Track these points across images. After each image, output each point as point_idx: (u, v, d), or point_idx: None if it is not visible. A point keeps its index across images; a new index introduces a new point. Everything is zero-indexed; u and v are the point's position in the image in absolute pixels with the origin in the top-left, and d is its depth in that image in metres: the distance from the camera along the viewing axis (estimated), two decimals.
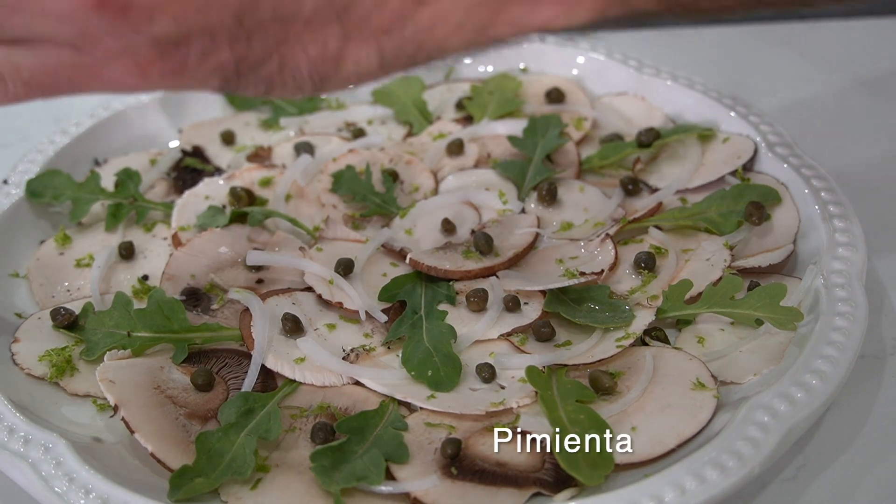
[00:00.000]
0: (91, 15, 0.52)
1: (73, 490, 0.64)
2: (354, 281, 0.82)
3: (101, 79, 0.55)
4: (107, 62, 0.54)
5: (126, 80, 0.55)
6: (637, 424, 0.69)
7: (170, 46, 0.54)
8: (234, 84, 0.57)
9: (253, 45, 0.55)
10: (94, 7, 0.52)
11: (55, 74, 0.55)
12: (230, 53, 0.55)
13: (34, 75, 0.55)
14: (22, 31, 0.54)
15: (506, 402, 0.71)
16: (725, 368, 0.73)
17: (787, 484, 0.68)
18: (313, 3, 0.54)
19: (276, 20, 0.54)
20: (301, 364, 0.75)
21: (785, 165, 0.88)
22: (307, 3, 0.54)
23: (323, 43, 0.56)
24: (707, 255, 0.82)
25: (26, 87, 0.56)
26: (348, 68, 0.57)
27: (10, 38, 0.54)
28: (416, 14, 0.56)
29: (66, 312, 0.80)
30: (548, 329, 0.76)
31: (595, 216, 0.88)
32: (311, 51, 0.56)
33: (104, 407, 0.75)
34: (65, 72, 0.55)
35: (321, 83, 0.58)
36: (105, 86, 0.56)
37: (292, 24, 0.55)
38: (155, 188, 0.97)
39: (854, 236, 0.80)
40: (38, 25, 0.53)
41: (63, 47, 0.54)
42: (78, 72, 0.55)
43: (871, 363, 0.76)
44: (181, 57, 0.54)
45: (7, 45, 0.55)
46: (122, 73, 0.55)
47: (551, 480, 0.66)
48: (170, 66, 0.54)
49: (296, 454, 0.69)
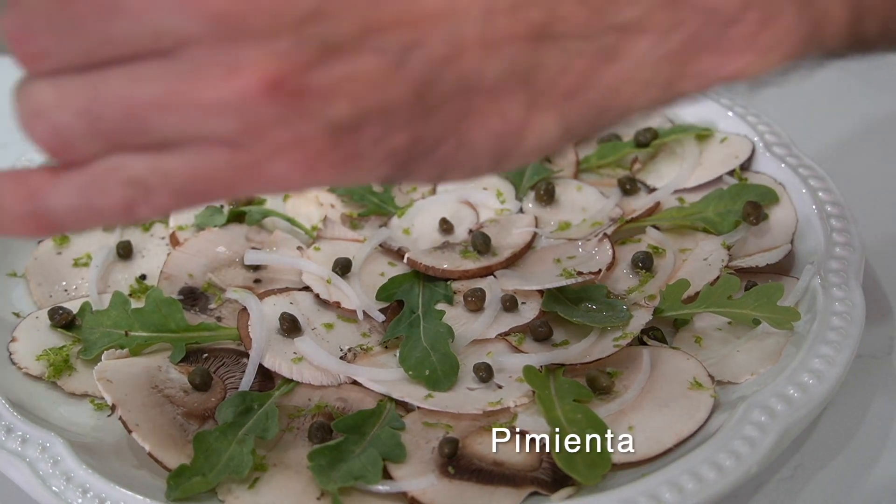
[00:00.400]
0: (261, 104, 0.42)
1: (71, 489, 0.64)
2: (352, 280, 0.82)
3: (262, 179, 0.45)
4: (271, 158, 0.44)
5: (290, 178, 0.45)
6: (634, 424, 0.69)
7: (344, 133, 0.44)
8: (405, 171, 0.48)
9: (431, 123, 0.46)
10: (265, 94, 0.42)
11: (210, 179, 0.45)
12: (406, 135, 0.46)
13: (186, 183, 0.45)
14: (173, 133, 0.44)
15: (503, 401, 0.71)
16: (723, 368, 0.73)
17: (785, 483, 0.69)
18: (497, 69, 0.46)
19: (458, 92, 0.46)
20: (299, 363, 0.75)
21: (782, 165, 0.88)
22: (489, 69, 0.46)
23: (504, 114, 0.47)
24: (705, 254, 0.82)
25: (176, 198, 0.46)
26: (530, 141, 0.49)
27: (157, 143, 0.44)
28: (601, 75, 0.48)
29: (63, 312, 0.80)
30: (545, 328, 0.76)
31: (593, 216, 0.88)
32: (491, 124, 0.47)
33: (102, 406, 0.75)
34: (221, 174, 0.45)
35: (501, 160, 0.49)
36: (265, 186, 0.46)
37: (475, 94, 0.46)
38: None
39: (851, 236, 0.80)
40: (194, 124, 0.43)
41: (219, 146, 0.44)
42: (236, 173, 0.45)
43: (869, 363, 0.76)
44: (353, 144, 0.45)
45: (153, 152, 0.45)
46: (288, 170, 0.45)
47: (548, 480, 0.66)
48: (341, 157, 0.45)
49: (293, 453, 0.69)
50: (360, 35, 0.42)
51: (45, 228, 0.46)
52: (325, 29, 0.42)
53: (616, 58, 0.48)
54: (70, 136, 0.44)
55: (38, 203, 0.46)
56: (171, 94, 0.43)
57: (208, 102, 0.43)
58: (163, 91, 0.43)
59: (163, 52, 0.42)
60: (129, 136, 0.44)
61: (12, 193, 0.46)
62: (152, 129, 0.44)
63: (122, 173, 0.45)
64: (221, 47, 0.42)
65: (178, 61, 0.42)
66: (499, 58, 0.45)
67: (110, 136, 0.44)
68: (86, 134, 0.44)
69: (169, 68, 0.42)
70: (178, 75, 0.42)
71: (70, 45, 0.43)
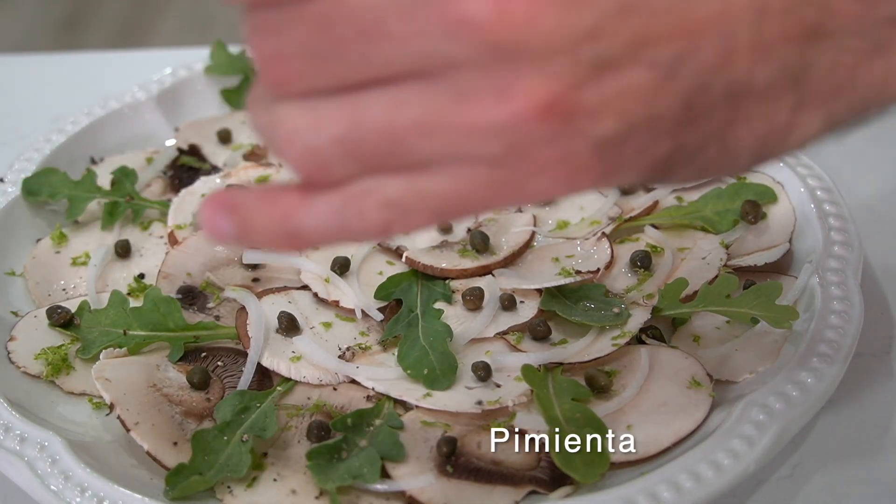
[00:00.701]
0: (532, 125, 0.42)
1: (69, 488, 0.64)
2: (351, 279, 0.82)
3: (521, 195, 0.45)
4: (532, 175, 0.43)
5: (551, 192, 0.45)
6: (633, 422, 0.69)
7: (609, 147, 0.43)
8: (661, 177, 0.47)
9: (696, 131, 0.45)
10: (538, 116, 0.41)
11: (468, 198, 0.44)
12: (670, 144, 0.45)
13: (443, 202, 0.45)
14: (433, 155, 0.43)
15: (502, 400, 0.71)
16: (721, 367, 0.73)
17: (783, 482, 0.69)
18: (766, 73, 0.44)
19: (726, 98, 0.44)
20: (297, 362, 0.75)
21: (781, 164, 0.88)
22: (759, 74, 0.44)
23: (771, 117, 0.46)
24: (703, 253, 0.82)
25: (432, 216, 0.45)
26: (793, 140, 0.48)
27: (414, 164, 0.44)
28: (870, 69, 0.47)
29: (62, 311, 0.80)
30: (544, 327, 0.76)
31: (591, 215, 0.88)
32: (756, 127, 0.46)
33: (100, 405, 0.75)
34: (479, 193, 0.44)
35: (761, 159, 0.49)
36: (523, 201, 0.46)
37: (743, 100, 0.45)
38: (151, 186, 0.97)
39: (850, 235, 0.80)
40: (457, 146, 0.43)
41: (479, 165, 0.43)
42: (495, 191, 0.44)
43: (867, 361, 0.76)
44: (618, 157, 0.44)
45: (410, 173, 0.44)
46: (550, 185, 0.44)
47: (547, 479, 0.66)
48: (603, 169, 0.44)
49: (292, 452, 0.69)
50: (632, 50, 0.41)
51: (296, 246, 0.47)
52: (600, 47, 0.41)
53: (886, 51, 0.46)
54: (327, 160, 0.44)
55: (290, 224, 0.46)
56: (435, 117, 0.42)
57: (476, 125, 0.42)
58: (427, 114, 0.42)
59: (425, 74, 0.42)
60: (387, 159, 0.44)
61: (266, 215, 0.46)
62: (411, 152, 0.43)
63: (378, 195, 0.44)
64: (492, 70, 0.41)
65: (442, 84, 0.42)
66: (769, 61, 0.44)
67: (368, 159, 0.44)
68: (343, 157, 0.44)
69: (432, 91, 0.42)
70: (442, 98, 0.42)
71: (327, 70, 0.43)
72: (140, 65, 1.24)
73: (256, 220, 0.47)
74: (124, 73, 1.17)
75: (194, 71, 1.07)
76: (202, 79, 1.07)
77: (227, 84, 1.07)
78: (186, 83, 1.06)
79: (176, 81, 1.06)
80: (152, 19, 3.12)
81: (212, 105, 1.07)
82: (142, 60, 1.30)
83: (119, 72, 1.23)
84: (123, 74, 1.17)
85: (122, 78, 1.10)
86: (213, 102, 1.07)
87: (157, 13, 3.14)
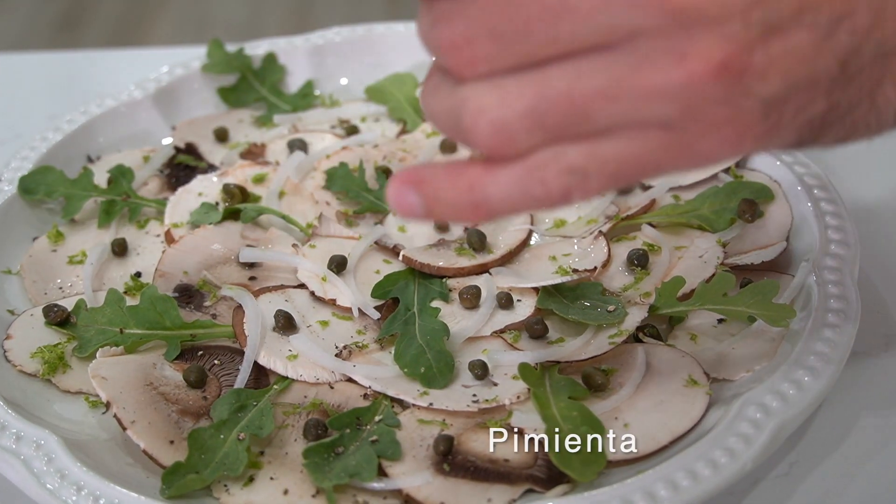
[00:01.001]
0: (707, 85, 0.45)
1: (65, 486, 0.64)
2: (347, 278, 0.82)
3: (691, 156, 0.48)
4: (703, 136, 0.47)
5: (718, 152, 0.48)
6: (630, 421, 0.69)
7: (772, 106, 0.47)
8: (814, 136, 0.50)
9: (849, 89, 0.48)
10: (713, 76, 0.45)
11: (643, 161, 0.48)
12: (825, 103, 0.48)
13: (620, 166, 0.48)
14: (613, 121, 0.47)
15: (498, 398, 0.71)
16: (718, 365, 0.73)
17: (780, 480, 0.69)
18: None
19: (876, 58, 0.47)
20: (294, 361, 0.75)
21: (778, 163, 0.88)
22: None
23: None
24: (700, 252, 0.82)
25: (609, 180, 0.48)
26: None
27: (594, 131, 0.47)
28: None
29: (58, 309, 0.80)
30: (540, 326, 0.76)
31: (588, 213, 0.88)
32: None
33: (96, 404, 0.75)
34: (654, 156, 0.47)
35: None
36: (694, 162, 0.49)
37: (891, 58, 0.48)
38: (148, 185, 0.97)
39: (847, 234, 0.80)
40: (636, 110, 0.46)
41: (652, 129, 0.47)
42: (668, 153, 0.47)
43: (864, 360, 0.76)
44: (779, 116, 0.47)
45: (589, 140, 0.47)
46: (718, 145, 0.47)
47: (544, 477, 0.66)
48: (765, 129, 0.47)
49: (288, 451, 0.69)
50: (797, 13, 0.45)
51: (481, 216, 0.50)
52: (769, 11, 0.44)
53: None
54: (514, 132, 0.47)
55: (476, 195, 0.49)
56: (616, 84, 0.45)
57: (655, 88, 0.45)
58: (609, 82, 0.45)
59: (608, 45, 0.45)
60: (570, 128, 0.47)
61: (453, 187, 0.50)
62: (593, 119, 0.46)
63: (560, 163, 0.48)
64: (671, 37, 0.44)
65: (623, 53, 0.45)
66: None
67: (552, 129, 0.47)
68: (529, 129, 0.47)
69: (614, 60, 0.45)
70: (624, 66, 0.45)
71: (514, 48, 0.46)
72: (137, 63, 1.24)
73: (444, 193, 0.50)
74: (121, 72, 1.18)
75: (191, 69, 1.07)
76: (199, 77, 1.07)
77: (224, 83, 1.07)
78: (183, 82, 1.06)
79: (172, 80, 1.06)
80: (149, 18, 3.12)
81: (208, 104, 1.07)
82: (138, 59, 1.30)
83: (116, 70, 1.23)
84: (120, 73, 1.17)
85: (118, 76, 1.10)
86: (210, 101, 1.07)
87: (154, 12, 3.14)
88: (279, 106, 1.06)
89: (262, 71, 1.08)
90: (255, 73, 1.08)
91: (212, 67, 1.07)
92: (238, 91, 1.07)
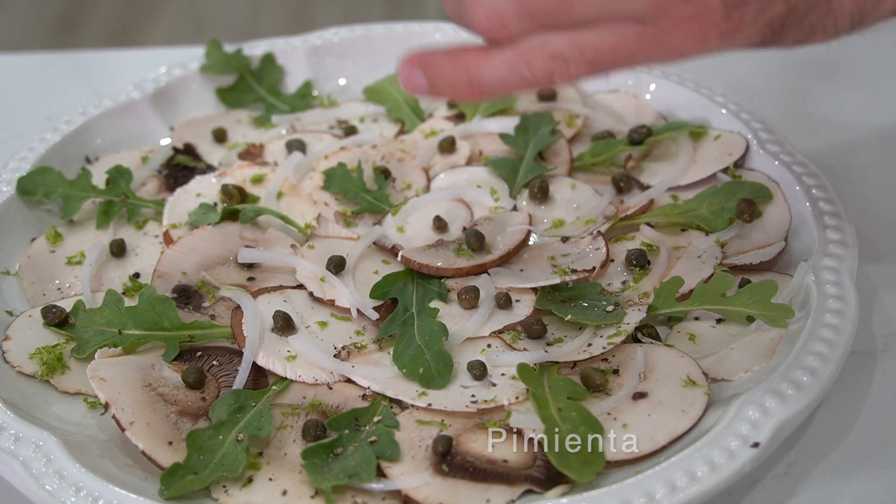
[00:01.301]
0: None
1: (64, 487, 0.64)
2: (346, 278, 0.82)
3: (662, 49, 0.56)
4: (671, 31, 0.55)
5: (686, 47, 0.56)
6: (628, 421, 0.69)
7: (734, 7, 0.54)
8: (775, 37, 0.57)
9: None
10: None
11: (617, 50, 0.56)
12: (783, 5, 0.55)
13: (598, 54, 0.56)
14: (591, 13, 0.55)
15: (497, 398, 0.71)
16: (717, 365, 0.73)
17: (778, 480, 0.69)
18: None
19: None
20: (292, 361, 0.75)
21: (776, 163, 0.88)
22: None
23: None
24: (698, 252, 0.82)
25: (588, 66, 0.57)
26: (887, 4, 0.57)
27: (575, 22, 0.56)
28: None
29: (57, 310, 0.80)
30: (539, 326, 0.76)
31: (587, 213, 0.88)
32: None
33: (95, 405, 0.75)
34: (627, 46, 0.56)
35: (858, 23, 0.58)
36: (663, 55, 0.56)
37: None
38: (146, 186, 0.97)
39: (845, 234, 0.80)
40: (613, 4, 0.55)
41: (627, 22, 0.55)
42: (640, 45, 0.56)
43: (862, 360, 0.76)
44: (741, 16, 0.55)
45: (571, 30, 0.56)
46: (685, 40, 0.55)
47: (542, 477, 0.66)
48: (729, 27, 0.55)
49: (287, 451, 0.69)
50: None
51: (477, 94, 0.59)
52: None
53: None
54: (505, 18, 0.56)
55: (473, 74, 0.58)
56: None
57: None
58: None
59: None
60: (554, 17, 0.56)
61: (453, 68, 0.59)
62: (575, 9, 0.55)
63: (545, 49, 0.56)
64: None
65: None
66: None
67: (538, 17, 0.56)
68: (518, 14, 0.56)
69: None
70: None
71: None
72: (135, 64, 1.24)
73: (445, 73, 0.59)
74: (119, 72, 1.18)
75: (189, 70, 1.07)
76: (197, 78, 1.07)
77: (222, 83, 1.07)
78: (181, 82, 1.06)
79: (171, 80, 1.06)
80: (147, 19, 3.12)
81: (207, 104, 1.07)
82: (137, 59, 1.30)
83: (114, 71, 1.23)
84: (118, 73, 1.17)
85: (116, 77, 1.10)
86: (208, 101, 1.07)
87: (152, 12, 3.13)
88: (277, 106, 1.06)
89: (261, 71, 1.08)
90: (253, 74, 1.08)
91: (210, 68, 1.07)
92: (236, 91, 1.07)
